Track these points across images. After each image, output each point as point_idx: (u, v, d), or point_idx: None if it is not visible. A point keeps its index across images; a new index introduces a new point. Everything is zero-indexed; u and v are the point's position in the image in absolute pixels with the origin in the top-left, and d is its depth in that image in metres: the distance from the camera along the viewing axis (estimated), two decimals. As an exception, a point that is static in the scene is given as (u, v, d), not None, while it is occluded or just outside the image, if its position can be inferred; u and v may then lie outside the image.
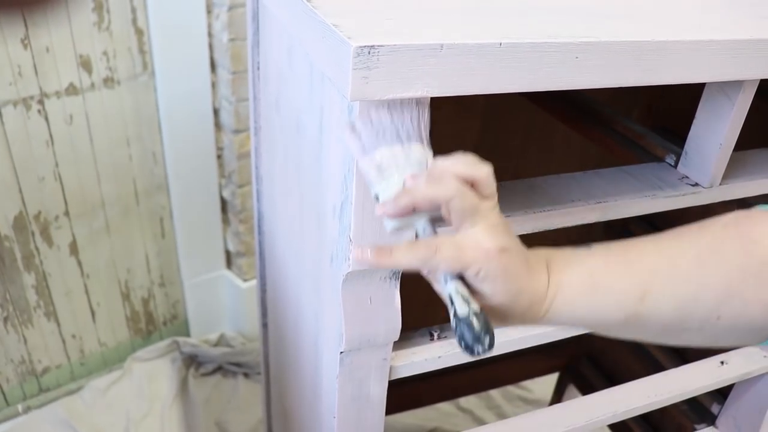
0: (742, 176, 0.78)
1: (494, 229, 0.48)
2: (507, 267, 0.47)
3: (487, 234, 0.47)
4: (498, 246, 0.47)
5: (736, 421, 1.12)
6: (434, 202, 0.47)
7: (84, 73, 1.37)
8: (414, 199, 0.47)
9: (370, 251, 0.48)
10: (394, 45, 0.47)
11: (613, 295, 0.50)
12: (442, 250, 0.46)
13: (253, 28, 0.89)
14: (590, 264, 0.51)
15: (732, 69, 0.63)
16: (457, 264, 0.46)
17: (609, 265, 0.51)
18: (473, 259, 0.46)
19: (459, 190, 0.47)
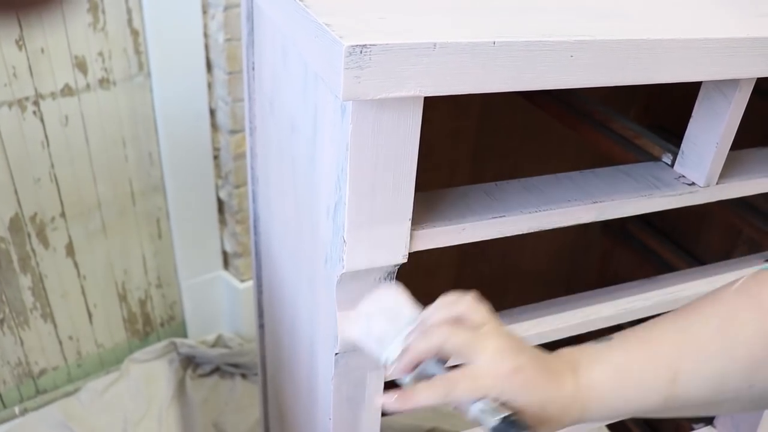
0: (739, 175, 0.78)
1: (503, 352, 0.50)
2: (525, 384, 0.49)
3: (497, 358, 0.49)
4: (511, 367, 0.49)
5: (734, 420, 1.12)
6: (432, 352, 0.51)
7: (79, 74, 1.37)
8: (415, 355, 0.52)
9: (394, 398, 0.50)
10: (386, 44, 0.47)
11: (644, 383, 0.51)
12: (459, 383, 0.49)
13: (248, 28, 0.89)
14: (614, 359, 0.52)
15: (728, 67, 0.62)
16: (476, 393, 0.49)
17: (633, 356, 0.52)
18: (491, 385, 0.49)
19: (446, 334, 0.51)
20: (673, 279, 0.91)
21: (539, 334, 0.78)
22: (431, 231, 0.61)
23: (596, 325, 0.83)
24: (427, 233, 0.61)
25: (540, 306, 0.82)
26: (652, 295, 0.88)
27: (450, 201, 0.66)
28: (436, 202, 0.65)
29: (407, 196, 0.58)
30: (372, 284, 0.63)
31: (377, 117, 0.52)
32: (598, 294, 0.87)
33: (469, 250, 0.82)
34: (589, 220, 0.71)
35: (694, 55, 0.60)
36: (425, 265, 1.29)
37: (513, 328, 0.78)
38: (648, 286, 0.89)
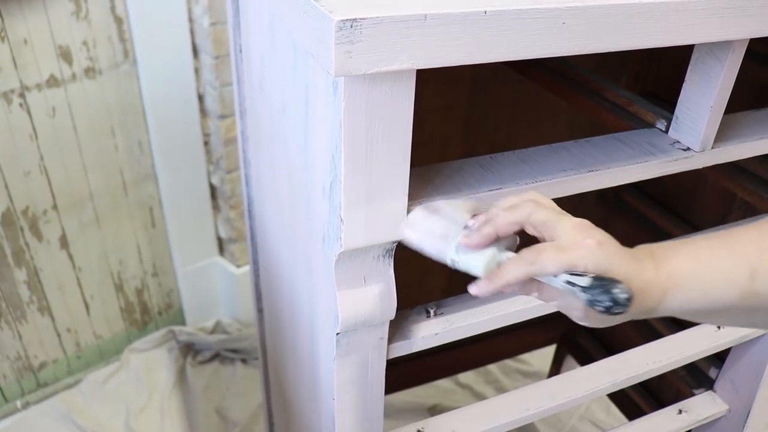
0: (734, 139, 0.78)
1: (585, 228, 0.51)
2: (609, 257, 0.49)
3: (580, 231, 0.50)
4: (595, 240, 0.49)
5: (734, 385, 1.12)
6: (515, 224, 0.52)
7: (64, 64, 1.35)
8: (497, 226, 0.52)
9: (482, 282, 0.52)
10: (376, 17, 0.46)
11: (723, 273, 0.51)
12: (546, 253, 0.49)
13: (233, 10, 0.88)
14: (694, 250, 0.52)
15: (720, 29, 0.62)
16: (562, 262, 0.49)
17: (714, 249, 0.52)
18: (577, 256, 0.49)
19: (531, 207, 0.52)
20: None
21: (537, 306, 0.78)
22: (428, 206, 0.61)
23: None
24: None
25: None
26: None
27: (446, 175, 0.65)
28: (431, 177, 0.64)
29: (403, 172, 0.57)
30: (371, 262, 0.63)
31: (370, 92, 0.52)
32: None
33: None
34: (586, 189, 0.70)
35: (685, 18, 0.59)
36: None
37: (511, 301, 0.78)
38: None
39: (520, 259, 0.51)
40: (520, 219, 0.52)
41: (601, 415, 1.68)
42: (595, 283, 0.48)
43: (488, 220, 0.53)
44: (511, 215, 0.52)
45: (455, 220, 0.55)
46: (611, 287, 0.47)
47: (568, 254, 0.49)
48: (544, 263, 0.49)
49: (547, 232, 0.51)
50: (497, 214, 0.52)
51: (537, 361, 1.81)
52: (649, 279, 0.50)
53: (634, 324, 1.39)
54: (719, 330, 1.04)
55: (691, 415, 1.13)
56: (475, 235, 0.53)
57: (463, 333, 0.75)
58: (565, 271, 0.49)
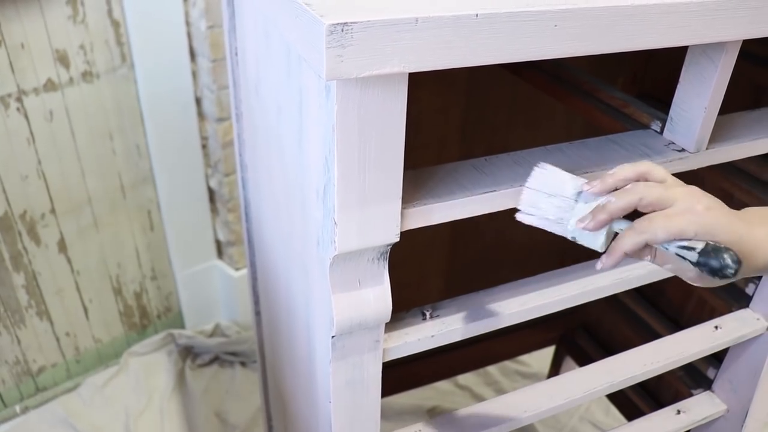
0: (728, 139, 0.78)
1: (693, 195, 0.54)
2: (718, 221, 0.53)
3: (688, 199, 0.54)
4: (704, 206, 0.53)
5: (732, 385, 1.12)
6: (630, 208, 0.55)
7: (62, 68, 1.35)
8: (610, 213, 0.56)
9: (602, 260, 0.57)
10: (367, 21, 0.46)
11: None
12: (657, 221, 0.53)
13: (229, 13, 0.88)
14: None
15: (713, 31, 0.62)
16: (672, 230, 0.53)
17: None
18: (687, 222, 0.52)
19: (641, 190, 0.55)
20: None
21: (535, 308, 0.78)
22: (422, 209, 0.61)
23: (592, 297, 0.83)
24: (418, 211, 0.61)
25: (535, 279, 0.82)
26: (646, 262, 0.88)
27: (440, 178, 0.65)
28: (425, 180, 0.64)
29: (397, 175, 0.57)
30: (365, 265, 0.63)
31: (362, 96, 0.52)
32: (592, 265, 0.86)
33: (463, 225, 0.82)
34: (581, 192, 0.70)
35: (678, 20, 0.59)
36: (419, 242, 1.29)
37: (509, 303, 0.78)
38: (642, 254, 0.89)
39: (633, 230, 0.54)
40: (633, 203, 0.55)
41: (600, 416, 1.68)
42: (703, 254, 0.52)
43: (603, 208, 0.56)
44: (623, 201, 0.55)
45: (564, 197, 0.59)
46: (720, 255, 0.51)
47: (676, 221, 0.53)
48: (655, 231, 0.53)
49: (660, 207, 0.54)
50: (609, 202, 0.56)
51: (536, 362, 1.81)
52: (760, 238, 0.53)
53: (633, 325, 1.39)
54: (717, 330, 1.04)
55: (689, 415, 1.13)
56: (591, 222, 0.57)
57: (458, 335, 0.75)
58: (674, 237, 0.53)
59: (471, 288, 0.81)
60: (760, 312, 1.05)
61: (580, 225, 0.58)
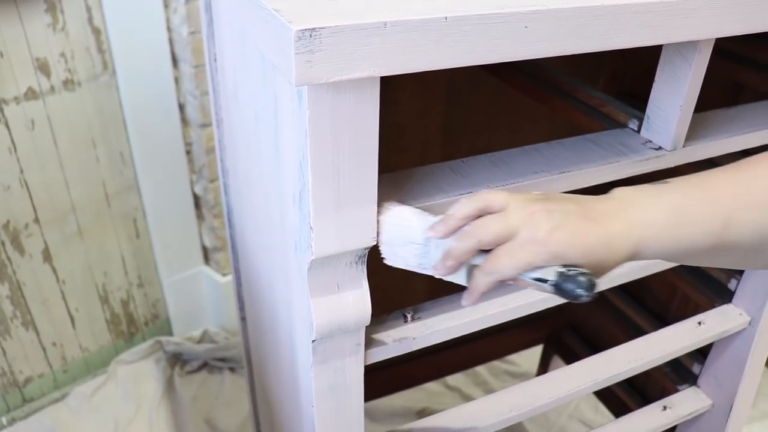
0: (704, 137, 0.78)
1: (532, 217, 0.51)
2: (564, 240, 0.50)
3: (529, 227, 0.51)
4: (546, 230, 0.50)
5: (717, 379, 1.13)
6: (472, 251, 0.54)
7: (42, 77, 1.35)
8: (457, 259, 0.55)
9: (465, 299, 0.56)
10: (336, 26, 0.46)
11: (698, 226, 0.52)
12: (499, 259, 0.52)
13: (207, 20, 0.88)
14: (671, 199, 0.53)
15: (685, 30, 0.62)
16: (518, 264, 0.51)
17: (690, 198, 0.53)
18: (531, 254, 0.51)
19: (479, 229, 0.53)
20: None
21: (516, 308, 0.79)
22: (398, 212, 0.61)
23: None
24: (394, 214, 0.61)
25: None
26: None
27: (417, 180, 0.65)
28: (402, 183, 0.65)
29: (371, 179, 0.57)
30: (344, 269, 0.63)
31: (334, 101, 0.52)
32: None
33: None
34: (559, 191, 0.71)
35: (649, 20, 0.59)
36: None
37: (490, 304, 0.78)
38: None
39: (481, 271, 0.53)
40: (474, 247, 0.53)
41: (589, 414, 1.69)
42: (559, 279, 0.50)
43: (448, 253, 0.55)
44: (464, 245, 0.54)
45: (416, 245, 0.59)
46: (573, 278, 0.49)
47: (520, 255, 0.51)
48: (502, 270, 0.52)
49: (502, 242, 0.52)
50: (452, 251, 0.55)
51: (524, 361, 1.81)
52: (616, 234, 0.52)
53: (619, 323, 1.40)
54: (701, 326, 1.04)
55: (675, 411, 1.14)
56: (443, 269, 0.56)
57: (440, 337, 0.75)
58: (524, 270, 0.51)
59: (456, 289, 0.81)
60: (742, 307, 1.06)
61: (434, 271, 0.58)
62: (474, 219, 0.55)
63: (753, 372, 1.09)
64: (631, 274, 0.88)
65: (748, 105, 0.85)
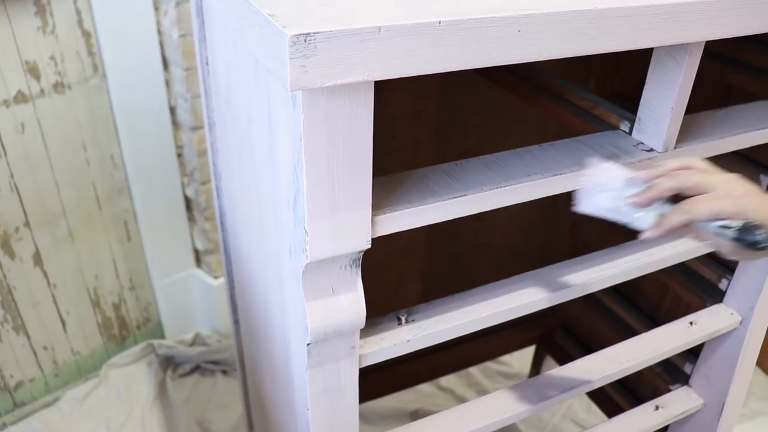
0: (695, 139, 0.79)
1: (734, 181, 0.61)
2: (753, 203, 0.60)
3: (727, 184, 0.61)
4: (744, 191, 0.60)
5: (709, 379, 1.14)
6: (675, 189, 0.62)
7: (32, 80, 1.34)
8: (659, 191, 0.62)
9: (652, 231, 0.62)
10: (330, 31, 0.46)
11: None
12: (702, 202, 0.60)
13: (199, 23, 0.88)
14: None
15: (676, 33, 0.63)
16: (713, 209, 0.60)
17: None
18: (730, 203, 0.59)
19: (688, 173, 0.62)
20: (641, 245, 0.92)
21: (510, 310, 0.79)
22: (393, 215, 0.61)
23: (566, 297, 0.84)
24: (388, 217, 0.61)
25: (510, 281, 0.83)
26: (620, 262, 0.89)
27: (411, 183, 0.65)
28: (396, 186, 0.65)
29: (365, 183, 0.58)
30: (338, 272, 0.63)
31: (329, 105, 0.52)
32: (567, 265, 0.87)
33: (440, 229, 0.82)
34: (552, 193, 0.71)
35: (640, 23, 0.60)
36: (395, 247, 1.29)
37: (484, 306, 0.78)
38: (616, 254, 0.90)
39: (679, 209, 0.61)
40: (679, 185, 0.62)
41: (582, 414, 1.69)
42: (739, 232, 0.59)
43: (652, 186, 0.63)
44: (671, 182, 0.62)
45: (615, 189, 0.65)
46: (754, 230, 0.59)
47: (718, 203, 0.59)
48: (700, 211, 0.60)
49: (701, 190, 0.61)
50: (660, 182, 0.63)
51: (517, 362, 1.81)
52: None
53: (611, 323, 1.40)
54: (692, 326, 1.05)
55: (667, 410, 1.14)
56: (641, 198, 0.63)
57: (434, 339, 0.75)
58: (715, 217, 0.60)
59: (450, 291, 0.81)
60: (733, 307, 1.07)
61: (631, 199, 0.63)
62: None
63: (744, 371, 1.10)
64: (624, 274, 0.88)
65: (738, 106, 0.86)
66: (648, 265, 0.90)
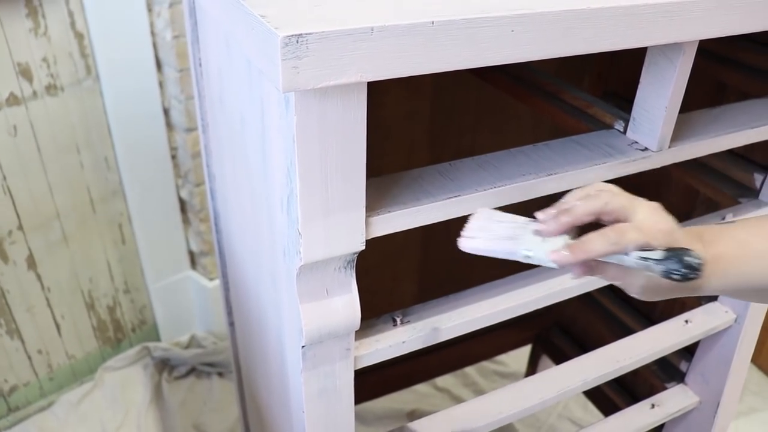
0: (690, 137, 0.79)
1: (659, 213, 0.55)
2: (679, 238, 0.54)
3: (655, 217, 0.55)
4: (669, 227, 0.54)
5: (704, 377, 1.14)
6: (592, 213, 0.55)
7: (24, 82, 1.33)
8: (575, 216, 0.55)
9: (565, 252, 0.54)
10: (322, 32, 0.46)
11: (763, 260, 0.56)
12: (628, 233, 0.53)
13: (191, 24, 0.87)
14: (736, 235, 0.57)
15: (669, 32, 0.63)
16: (640, 242, 0.53)
17: (753, 234, 0.57)
18: (654, 237, 0.53)
19: (608, 196, 0.55)
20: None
21: (505, 310, 0.79)
22: (387, 216, 0.61)
23: (561, 297, 0.83)
24: (382, 219, 0.61)
25: (505, 281, 0.83)
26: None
27: (405, 184, 0.65)
28: (390, 187, 0.65)
29: (359, 184, 0.57)
30: (332, 274, 0.63)
31: (322, 106, 0.52)
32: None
33: (434, 229, 0.82)
34: (547, 193, 0.71)
35: (634, 22, 0.60)
36: (390, 248, 1.29)
37: (479, 306, 0.78)
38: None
39: (603, 236, 0.54)
40: (597, 208, 0.55)
41: (578, 413, 1.69)
42: (668, 254, 0.53)
43: (565, 210, 0.56)
44: (589, 205, 0.55)
45: (515, 221, 0.59)
46: (684, 255, 0.52)
47: (647, 233, 0.53)
48: (627, 242, 0.53)
49: (623, 216, 0.55)
50: (574, 205, 0.56)
51: (513, 361, 1.81)
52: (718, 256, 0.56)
53: (607, 322, 1.40)
54: (687, 324, 1.05)
55: (663, 408, 1.14)
56: (552, 224, 0.55)
57: (430, 340, 0.75)
58: (642, 248, 0.54)
59: (445, 291, 0.81)
60: (728, 305, 1.07)
61: (541, 227, 0.56)
62: None
63: (739, 368, 1.10)
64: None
65: (732, 105, 0.86)
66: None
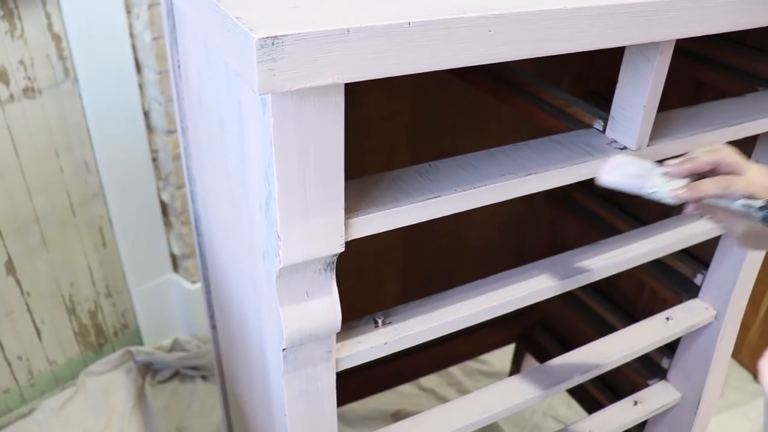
0: (668, 136, 0.79)
1: (765, 170, 0.65)
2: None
3: (763, 175, 0.64)
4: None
5: (685, 373, 1.15)
6: (712, 163, 0.65)
7: (1, 85, 1.32)
8: (697, 163, 0.65)
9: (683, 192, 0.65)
10: (298, 33, 0.46)
11: None
12: (737, 182, 0.63)
13: (170, 26, 0.86)
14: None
15: (646, 32, 0.63)
16: (747, 190, 0.63)
17: None
18: (759, 190, 0.63)
19: (727, 151, 0.65)
20: (617, 242, 0.93)
21: (486, 310, 0.79)
22: (366, 218, 0.61)
23: (542, 296, 0.84)
24: (362, 220, 0.61)
25: (486, 281, 0.83)
26: (597, 260, 0.89)
27: (384, 185, 0.65)
28: (370, 188, 0.64)
29: (338, 186, 0.57)
30: (312, 276, 0.63)
31: (299, 108, 0.51)
32: (545, 263, 0.88)
33: (417, 229, 0.82)
34: (526, 192, 0.71)
35: (611, 22, 0.60)
36: (372, 249, 1.29)
37: (460, 306, 0.78)
38: (593, 251, 0.91)
39: (716, 182, 0.64)
40: (717, 159, 0.64)
41: (563, 411, 1.70)
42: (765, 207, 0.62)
43: (689, 158, 0.65)
44: (710, 156, 0.64)
45: (645, 164, 0.67)
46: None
47: (754, 185, 0.63)
48: (736, 188, 0.63)
49: (736, 170, 0.64)
50: (698, 155, 0.65)
51: (497, 360, 1.82)
52: None
53: (589, 320, 1.41)
54: (668, 321, 1.06)
55: (646, 405, 1.15)
56: (678, 168, 0.65)
57: (412, 341, 0.75)
58: (748, 195, 0.63)
59: (429, 291, 0.81)
60: (708, 301, 1.08)
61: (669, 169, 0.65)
62: None
63: (720, 364, 1.11)
64: (601, 271, 0.89)
65: (710, 103, 0.87)
66: (625, 261, 0.90)
